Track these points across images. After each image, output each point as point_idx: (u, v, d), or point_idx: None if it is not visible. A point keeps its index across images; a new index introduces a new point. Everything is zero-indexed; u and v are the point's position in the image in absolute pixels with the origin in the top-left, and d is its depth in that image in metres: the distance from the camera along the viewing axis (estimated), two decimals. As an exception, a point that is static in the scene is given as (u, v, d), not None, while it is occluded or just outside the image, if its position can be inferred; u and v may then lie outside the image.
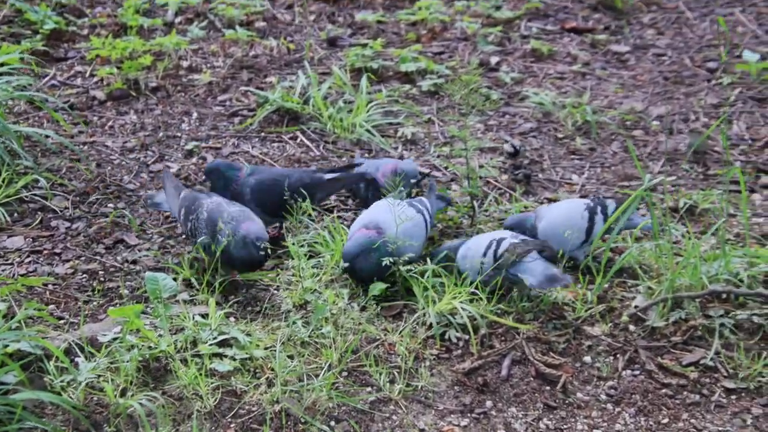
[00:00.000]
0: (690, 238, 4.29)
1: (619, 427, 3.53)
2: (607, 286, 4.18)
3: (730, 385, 3.70)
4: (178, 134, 5.43)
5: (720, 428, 3.51)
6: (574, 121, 5.68)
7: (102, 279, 4.21)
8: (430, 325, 3.86)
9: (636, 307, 4.03)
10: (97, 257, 4.36)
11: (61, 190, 4.80)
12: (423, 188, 4.85)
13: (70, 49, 6.36)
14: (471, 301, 3.93)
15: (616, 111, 5.82)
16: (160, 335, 3.69)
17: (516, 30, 7.05)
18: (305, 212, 4.45)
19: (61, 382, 3.45)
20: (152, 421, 3.36)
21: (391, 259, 3.99)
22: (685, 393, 3.68)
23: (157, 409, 3.38)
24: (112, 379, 3.49)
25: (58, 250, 4.39)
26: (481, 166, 5.06)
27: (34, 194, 4.73)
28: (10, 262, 4.31)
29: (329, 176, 4.58)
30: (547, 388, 3.69)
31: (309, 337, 3.78)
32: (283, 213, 4.45)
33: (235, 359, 3.64)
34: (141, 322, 3.64)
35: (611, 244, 4.25)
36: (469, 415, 3.52)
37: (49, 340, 3.62)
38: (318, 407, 3.49)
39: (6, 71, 5.36)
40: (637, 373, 3.77)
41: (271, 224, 4.49)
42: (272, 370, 3.61)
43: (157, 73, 5.99)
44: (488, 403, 3.60)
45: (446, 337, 3.86)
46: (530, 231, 4.31)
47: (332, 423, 3.46)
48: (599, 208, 4.30)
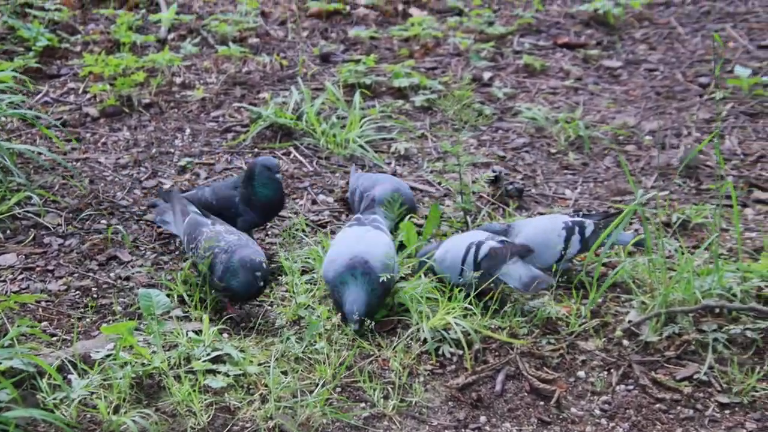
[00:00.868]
0: (683, 253, 4.29)
1: (614, 442, 3.53)
2: (600, 300, 4.18)
3: (724, 399, 3.69)
4: (171, 150, 5.43)
5: (714, 443, 3.52)
6: (566, 136, 5.70)
7: (95, 296, 4.20)
8: (424, 341, 3.86)
9: (630, 322, 4.03)
10: (90, 274, 4.35)
11: (54, 207, 4.80)
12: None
13: (62, 66, 6.37)
14: (465, 316, 3.93)
15: (609, 126, 5.83)
16: (154, 352, 3.68)
17: (509, 45, 7.07)
18: (299, 228, 4.45)
19: (54, 399, 3.44)
20: (145, 438, 3.35)
21: (387, 276, 3.98)
22: (679, 408, 3.67)
23: (150, 426, 3.37)
24: (105, 396, 3.48)
25: (51, 267, 4.38)
26: (474, 181, 5.07)
27: (27, 211, 4.72)
28: (2, 279, 4.29)
29: None
30: (541, 403, 3.68)
31: (303, 353, 3.78)
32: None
33: (228, 375, 3.63)
34: (134, 339, 3.63)
35: (603, 259, 4.25)
36: (463, 430, 3.52)
37: (42, 358, 3.61)
38: (312, 423, 3.49)
39: (-1, 88, 5.36)
40: (631, 387, 3.77)
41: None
42: (266, 386, 3.61)
43: (150, 90, 6.00)
44: (482, 419, 3.59)
45: (440, 352, 3.86)
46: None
47: (326, 439, 3.46)
48: (577, 229, 4.30)
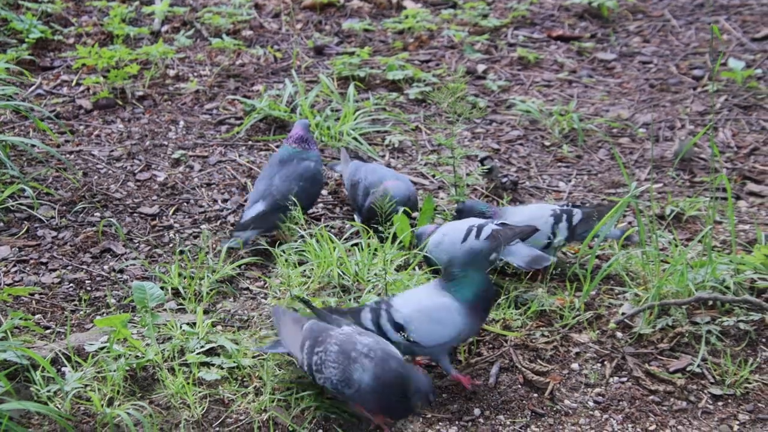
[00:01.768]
0: (677, 245, 4.31)
1: (607, 434, 3.54)
2: (594, 293, 4.19)
3: (717, 391, 3.71)
4: (165, 143, 5.42)
5: (707, 435, 3.53)
6: (560, 129, 5.70)
7: (89, 288, 4.20)
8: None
9: (623, 314, 4.04)
10: (84, 266, 4.34)
11: (48, 200, 4.79)
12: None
13: (56, 59, 6.35)
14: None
15: (603, 118, 5.84)
16: (148, 344, 3.69)
17: (503, 38, 7.06)
18: (296, 221, 4.44)
19: (48, 392, 3.44)
20: (139, 430, 3.35)
21: None
22: (672, 399, 3.68)
23: (144, 419, 3.37)
24: (99, 389, 3.48)
25: (44, 260, 4.37)
26: (468, 174, 5.07)
27: (20, 203, 4.71)
28: (-4, 271, 4.30)
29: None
30: (535, 395, 3.69)
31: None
32: None
33: (222, 368, 3.64)
34: (128, 332, 3.63)
35: (597, 251, 4.25)
36: (457, 422, 3.52)
37: (36, 350, 3.61)
38: (306, 416, 3.49)
39: (-8, 80, 5.36)
40: (625, 379, 3.77)
41: None
42: (260, 378, 3.61)
43: (144, 82, 5.99)
44: (476, 411, 3.59)
45: (435, 343, 3.86)
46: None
47: (320, 431, 3.46)
48: (564, 216, 4.31)
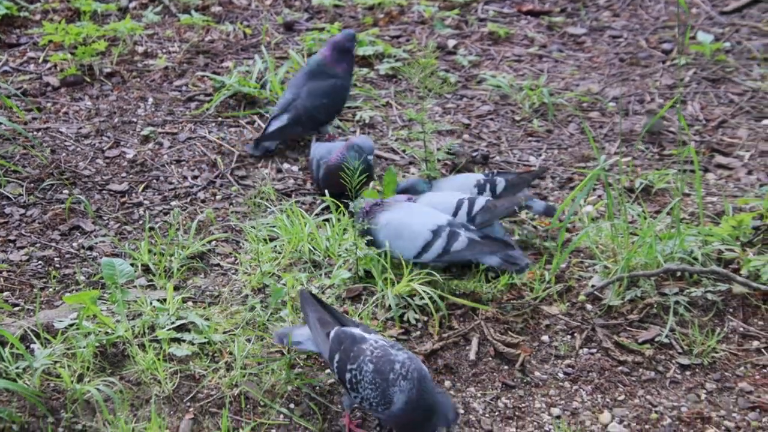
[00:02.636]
0: (645, 218, 4.33)
1: (576, 404, 3.56)
2: (564, 266, 4.21)
3: (685, 361, 3.74)
4: (134, 120, 5.38)
5: (675, 404, 3.56)
6: (531, 104, 5.71)
7: (58, 265, 4.18)
8: (389, 307, 3.87)
9: (593, 287, 4.06)
10: (53, 244, 4.32)
11: (15, 177, 4.75)
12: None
13: (22, 35, 6.28)
14: (429, 283, 3.94)
15: (573, 93, 5.85)
16: (118, 321, 3.68)
17: (473, 13, 7.05)
18: (264, 197, 4.44)
19: (17, 368, 3.43)
20: (110, 406, 3.34)
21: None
22: (641, 370, 3.72)
23: (114, 395, 3.37)
24: (69, 365, 3.47)
25: (12, 237, 4.34)
26: (439, 149, 5.07)
27: (-12, 181, 4.68)
28: (-37, 249, 4.27)
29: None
30: (506, 368, 3.71)
31: (267, 320, 3.78)
32: None
33: (193, 344, 3.63)
34: (97, 308, 3.62)
35: (567, 224, 4.27)
36: (428, 395, 3.53)
37: (4, 327, 3.59)
38: (277, 390, 3.50)
39: (-43, 57, 5.30)
40: (594, 351, 3.80)
41: None
42: (231, 354, 3.61)
43: (112, 59, 5.94)
44: (447, 383, 3.62)
45: (405, 318, 3.87)
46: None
47: (291, 406, 3.47)
48: (488, 186, 4.35)
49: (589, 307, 4.01)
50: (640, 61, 6.27)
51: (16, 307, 3.88)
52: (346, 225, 4.21)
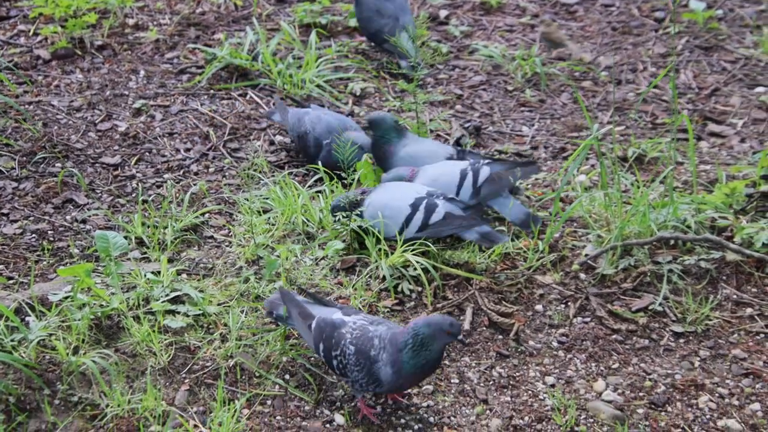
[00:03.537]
0: (639, 187, 4.33)
1: (571, 373, 3.58)
2: (557, 235, 4.21)
3: (678, 329, 3.76)
4: (126, 92, 5.36)
5: (668, 371, 3.58)
6: (523, 73, 5.69)
7: (51, 239, 4.17)
8: (384, 278, 3.88)
9: (586, 256, 4.07)
10: (46, 217, 4.31)
11: (7, 151, 4.73)
12: None
13: (12, 8, 6.23)
14: (423, 254, 3.95)
15: (566, 62, 5.83)
16: (112, 293, 3.68)
17: (465, -17, 7.02)
18: (257, 168, 4.43)
19: (12, 341, 3.43)
20: (106, 378, 3.35)
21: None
22: (635, 338, 3.73)
23: (110, 366, 3.37)
24: (64, 338, 3.47)
25: (5, 211, 4.33)
26: (432, 119, 5.06)
27: (-20, 155, 4.67)
28: (-44, 224, 4.26)
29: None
30: (500, 337, 3.72)
31: (262, 292, 3.78)
32: None
33: (188, 316, 3.64)
34: (92, 281, 3.61)
35: (561, 194, 4.27)
36: (422, 364, 3.54)
37: (-1, 300, 3.60)
38: (272, 361, 3.51)
39: (-53, 31, 5.26)
40: (588, 319, 3.82)
41: None
42: (226, 325, 3.62)
43: (103, 32, 5.90)
44: (442, 353, 3.62)
45: (399, 289, 3.88)
46: None
47: (287, 376, 3.48)
48: (470, 173, 4.23)
49: (582, 276, 4.02)
50: (633, 30, 6.26)
51: (11, 281, 3.88)
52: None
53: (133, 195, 4.48)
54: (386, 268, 3.87)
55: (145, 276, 3.78)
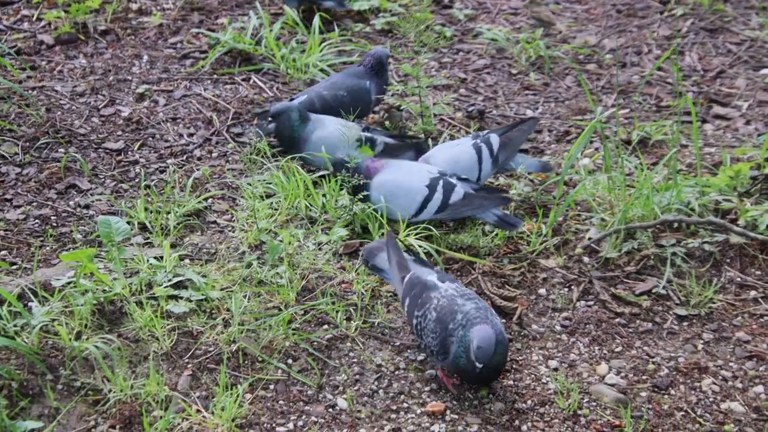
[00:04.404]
0: (642, 170, 4.32)
1: (574, 356, 3.57)
2: (561, 219, 4.20)
3: (682, 312, 3.75)
4: (129, 78, 5.36)
5: (672, 354, 3.57)
6: (527, 57, 5.67)
7: (54, 224, 4.17)
8: (386, 262, 3.87)
9: (590, 239, 4.06)
10: (49, 202, 4.31)
11: (10, 136, 4.73)
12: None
13: (15, -6, 6.24)
14: (427, 237, 3.94)
15: (570, 45, 5.81)
16: (115, 278, 3.68)
17: (469, -34, 6.99)
18: (261, 153, 4.42)
19: (15, 326, 3.43)
20: (108, 363, 3.35)
21: None
22: (638, 321, 3.73)
23: (112, 352, 3.38)
24: (67, 323, 3.48)
25: (8, 196, 4.33)
26: (435, 104, 5.05)
27: (-17, 141, 4.67)
28: (-40, 209, 4.26)
29: None
30: (503, 321, 3.71)
31: (264, 277, 3.78)
32: None
33: (191, 301, 3.64)
34: (94, 266, 3.61)
35: (564, 177, 4.26)
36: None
37: (2, 285, 3.59)
38: (275, 346, 3.51)
39: (-51, 17, 5.26)
40: (591, 303, 3.81)
41: None
42: (228, 310, 3.62)
43: (106, 17, 5.89)
44: (444, 337, 3.62)
45: (402, 273, 3.87)
46: None
47: (289, 361, 3.48)
48: (483, 146, 4.26)
49: (586, 259, 4.02)
50: (638, 12, 6.23)
51: (14, 266, 3.88)
52: (343, 179, 4.18)
53: (136, 180, 4.48)
54: (389, 253, 3.87)
55: (148, 261, 3.78)
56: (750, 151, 4.51)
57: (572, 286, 3.89)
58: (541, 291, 3.87)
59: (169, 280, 3.70)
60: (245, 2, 6.23)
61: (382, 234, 3.93)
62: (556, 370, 3.51)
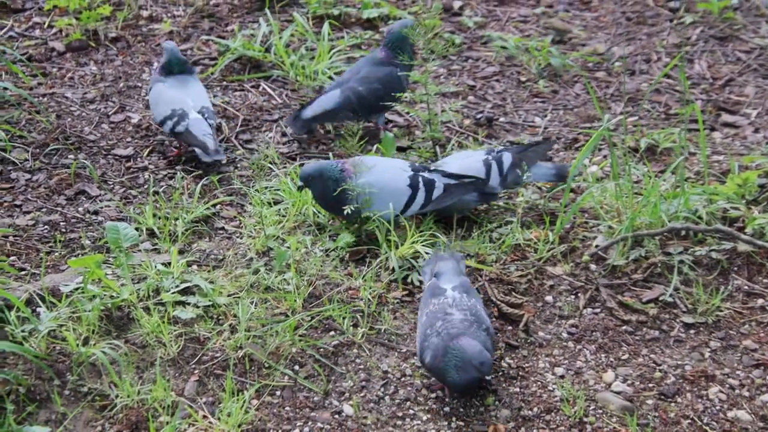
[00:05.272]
0: (650, 177, 4.32)
1: (580, 364, 3.57)
2: (568, 226, 4.20)
3: (689, 320, 3.75)
4: (139, 84, 5.38)
5: (679, 362, 3.57)
6: (537, 64, 5.68)
7: (63, 230, 4.20)
8: (393, 269, 3.88)
9: (597, 247, 4.06)
10: (58, 208, 4.33)
11: (21, 142, 4.76)
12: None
13: (27, 0, 6.26)
14: (432, 245, 3.95)
15: (579, 53, 5.81)
16: (122, 284, 3.69)
17: (479, -26, 7.00)
18: (269, 160, 4.43)
19: (23, 332, 3.45)
20: (116, 368, 3.37)
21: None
22: (645, 329, 3.72)
23: (119, 357, 3.39)
24: (75, 329, 3.49)
25: (18, 202, 4.36)
26: (443, 111, 5.05)
27: (-7, 147, 4.70)
28: (-30, 215, 4.29)
29: None
30: (510, 328, 3.72)
31: (272, 283, 3.79)
32: None
33: (198, 307, 3.65)
34: (102, 272, 3.63)
35: (571, 185, 4.26)
36: (431, 355, 3.55)
37: (10, 291, 3.61)
38: (281, 352, 3.52)
39: (-39, 23, 5.29)
40: (598, 311, 3.81)
41: None
42: (235, 316, 3.63)
43: (117, 24, 5.92)
44: (451, 344, 3.62)
45: (409, 280, 3.88)
46: None
47: (296, 367, 3.49)
48: (494, 163, 4.28)
49: (593, 267, 4.01)
50: (647, 20, 6.23)
51: (22, 271, 3.90)
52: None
53: (145, 186, 4.50)
54: (395, 259, 3.88)
55: (156, 267, 3.80)
56: (758, 159, 4.50)
57: (579, 294, 3.89)
58: (548, 298, 3.87)
59: (177, 286, 3.71)
60: (255, 9, 6.25)
61: (389, 241, 3.94)
62: (562, 377, 3.51)
